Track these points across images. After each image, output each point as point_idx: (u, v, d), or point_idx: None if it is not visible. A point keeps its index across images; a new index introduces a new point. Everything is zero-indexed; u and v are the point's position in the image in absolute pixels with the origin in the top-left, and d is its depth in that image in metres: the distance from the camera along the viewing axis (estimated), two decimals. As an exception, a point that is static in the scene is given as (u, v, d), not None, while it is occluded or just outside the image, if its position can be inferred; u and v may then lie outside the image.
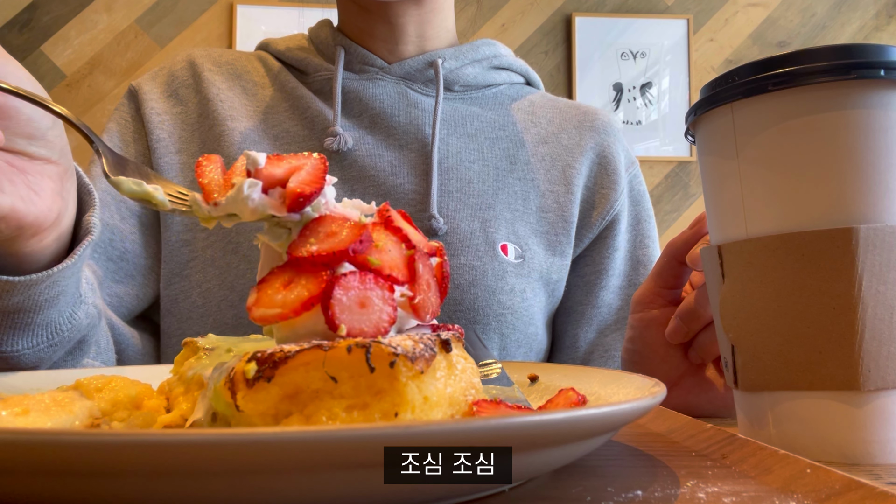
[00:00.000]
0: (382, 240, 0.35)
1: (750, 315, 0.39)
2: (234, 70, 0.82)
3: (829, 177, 0.36)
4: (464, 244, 0.72)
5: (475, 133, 0.79)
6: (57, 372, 0.48)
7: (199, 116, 0.78)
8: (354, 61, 0.79)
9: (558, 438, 0.26)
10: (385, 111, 0.77)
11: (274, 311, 0.32)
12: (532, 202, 0.78)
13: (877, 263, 0.35)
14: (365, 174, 0.75)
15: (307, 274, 0.33)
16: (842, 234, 0.36)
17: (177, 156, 0.76)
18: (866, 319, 0.35)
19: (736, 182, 0.39)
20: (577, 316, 0.82)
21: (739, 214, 0.39)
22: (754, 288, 0.39)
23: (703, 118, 0.41)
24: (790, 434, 0.38)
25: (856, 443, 0.36)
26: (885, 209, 0.36)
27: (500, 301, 0.72)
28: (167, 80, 0.81)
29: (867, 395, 0.36)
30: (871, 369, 0.35)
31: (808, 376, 0.37)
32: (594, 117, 0.86)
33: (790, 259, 0.37)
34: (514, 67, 0.87)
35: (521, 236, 0.75)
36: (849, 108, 0.36)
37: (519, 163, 0.79)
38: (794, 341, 0.37)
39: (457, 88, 0.81)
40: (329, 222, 0.35)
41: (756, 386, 0.40)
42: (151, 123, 0.77)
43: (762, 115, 0.38)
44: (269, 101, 0.79)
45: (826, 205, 0.36)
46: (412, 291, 0.35)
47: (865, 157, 0.36)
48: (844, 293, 0.36)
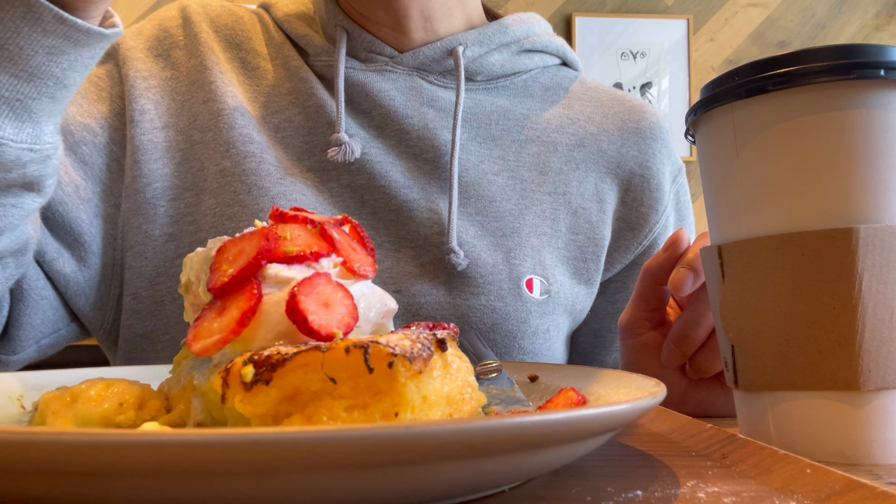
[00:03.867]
0: (287, 231, 0.36)
1: (750, 315, 0.39)
2: (233, 37, 0.70)
3: (829, 177, 0.36)
4: (485, 281, 0.63)
5: (501, 135, 0.69)
6: (58, 372, 0.48)
7: (191, 85, 0.67)
8: (359, 48, 0.68)
9: (558, 438, 0.26)
10: (396, 111, 0.66)
11: (212, 338, 0.32)
12: (562, 222, 0.68)
13: (877, 263, 0.36)
14: (375, 184, 0.65)
15: (234, 295, 0.33)
16: (842, 234, 0.36)
17: (162, 131, 0.65)
18: (866, 319, 0.36)
19: (735, 182, 0.39)
20: (606, 343, 0.76)
21: (739, 214, 0.39)
22: (754, 288, 0.39)
23: (702, 118, 0.41)
24: (790, 434, 0.38)
25: (856, 443, 0.36)
26: (885, 209, 0.36)
27: (521, 346, 0.64)
28: (157, 35, 0.69)
29: (867, 395, 0.36)
30: (871, 369, 0.35)
31: (808, 376, 0.37)
32: (640, 117, 0.74)
33: (790, 259, 0.37)
34: (550, 48, 0.73)
35: (548, 266, 0.66)
36: (849, 108, 0.36)
37: (550, 172, 0.69)
38: (794, 341, 0.37)
39: (479, 79, 0.70)
40: (230, 246, 0.36)
41: (756, 386, 0.40)
42: (136, 89, 0.65)
43: (762, 115, 0.38)
44: (271, 80, 0.68)
45: (826, 205, 0.36)
46: (341, 256, 0.36)
47: (866, 157, 0.36)
48: (844, 293, 0.36)
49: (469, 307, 0.62)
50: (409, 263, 0.64)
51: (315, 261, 0.35)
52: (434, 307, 0.62)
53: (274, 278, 0.34)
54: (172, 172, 0.65)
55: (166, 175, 0.65)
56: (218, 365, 0.32)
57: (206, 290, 0.35)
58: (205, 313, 0.34)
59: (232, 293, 0.34)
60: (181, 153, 0.65)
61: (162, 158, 0.65)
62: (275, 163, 0.64)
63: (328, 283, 0.34)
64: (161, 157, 0.65)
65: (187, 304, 0.38)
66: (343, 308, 0.33)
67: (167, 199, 0.65)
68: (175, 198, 0.65)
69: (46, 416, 0.36)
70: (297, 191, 0.64)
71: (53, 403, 0.36)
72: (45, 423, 0.36)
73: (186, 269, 0.38)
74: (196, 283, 0.37)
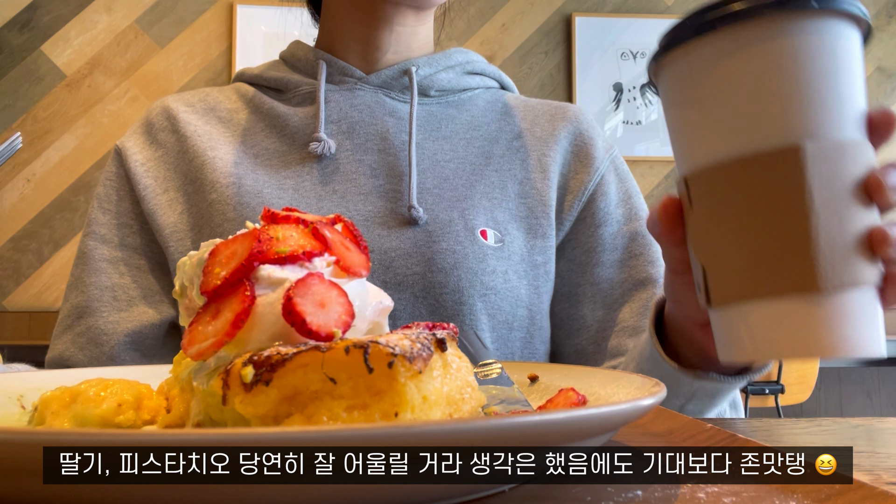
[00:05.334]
0: (279, 231, 0.36)
1: (716, 237, 0.43)
2: (207, 104, 0.87)
3: (776, 100, 0.41)
4: (444, 231, 0.76)
5: (450, 135, 0.84)
6: (58, 372, 0.48)
7: (178, 153, 0.82)
8: (335, 73, 0.85)
9: (558, 438, 0.26)
10: (364, 119, 0.82)
11: (207, 342, 0.32)
12: (510, 190, 0.82)
13: (824, 175, 0.40)
14: (347, 177, 0.79)
15: (228, 298, 0.33)
16: (791, 152, 0.40)
17: (163, 195, 0.81)
18: (819, 227, 0.39)
19: (694, 114, 0.44)
20: (579, 297, 0.85)
21: (700, 144, 0.44)
22: (718, 210, 0.43)
23: (661, 65, 0.45)
24: (763, 341, 0.42)
25: (820, 340, 0.40)
26: (828, 125, 0.40)
27: (483, 282, 0.75)
28: (146, 129, 0.85)
29: (826, 295, 0.39)
30: (827, 271, 0.39)
31: (773, 284, 0.41)
32: (565, 109, 0.91)
33: (747, 178, 0.41)
34: (488, 73, 0.92)
35: (500, 222, 0.79)
36: (788, 36, 0.40)
37: (494, 157, 0.84)
38: (757, 253, 0.41)
39: (433, 94, 0.86)
40: (222, 248, 0.36)
41: (726, 299, 0.43)
42: (137, 175, 0.82)
43: (713, 51, 0.42)
44: (245, 124, 0.84)
45: (774, 126, 0.41)
46: (334, 255, 0.36)
47: (806, 80, 0.40)
48: (797, 204, 0.40)
49: (433, 252, 0.74)
50: (378, 228, 0.76)
51: (308, 261, 0.35)
52: (402, 255, 0.74)
53: (267, 279, 0.34)
54: (176, 220, 0.79)
55: (172, 223, 0.79)
56: (216, 368, 0.32)
57: (199, 293, 0.35)
58: (199, 317, 0.34)
59: (225, 296, 0.33)
60: (180, 205, 0.80)
61: (166, 213, 0.80)
62: (253, 182, 0.78)
63: (322, 282, 0.34)
64: (165, 211, 0.80)
65: (182, 308, 0.38)
66: (339, 307, 0.33)
67: (175, 240, 0.79)
68: (181, 238, 0.79)
69: (46, 416, 0.36)
70: (275, 195, 0.77)
71: (53, 403, 0.36)
72: (44, 423, 0.36)
73: (180, 274, 0.38)
74: (190, 287, 0.37)
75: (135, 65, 3.17)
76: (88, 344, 0.76)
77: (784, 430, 0.52)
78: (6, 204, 3.06)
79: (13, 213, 3.06)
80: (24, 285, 3.04)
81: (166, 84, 3.14)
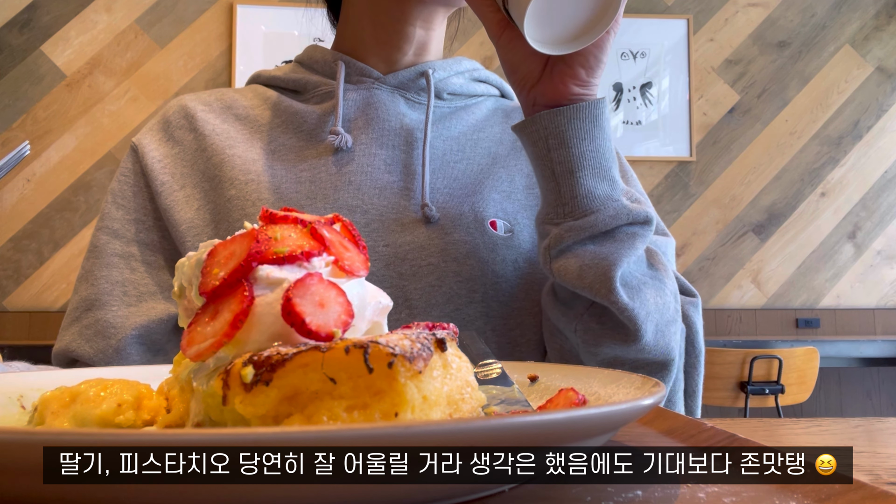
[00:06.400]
0: (278, 231, 0.36)
1: None
2: (224, 103, 0.88)
3: None
4: (456, 224, 0.79)
5: (458, 136, 0.88)
6: (58, 372, 0.48)
7: (195, 151, 0.84)
8: (353, 73, 0.87)
9: (558, 438, 0.26)
10: (380, 116, 0.85)
11: (206, 342, 0.32)
12: (518, 182, 0.85)
13: None
14: (363, 170, 0.82)
15: (226, 298, 0.33)
16: None
17: (180, 192, 0.81)
18: None
19: None
20: None
21: None
22: None
23: None
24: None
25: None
26: None
27: (495, 271, 0.78)
28: (162, 126, 0.86)
29: None
30: None
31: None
32: None
33: None
34: (491, 80, 0.98)
35: (510, 212, 0.83)
36: None
37: (500, 157, 0.88)
38: None
39: (445, 96, 0.90)
40: (220, 249, 0.35)
41: None
42: (154, 171, 0.83)
43: None
44: (262, 121, 0.86)
45: None
46: (332, 255, 0.36)
47: None
48: None
49: (445, 243, 0.77)
50: (392, 222, 0.79)
51: (306, 260, 0.35)
52: (416, 248, 0.77)
53: (265, 279, 0.34)
54: (193, 216, 0.80)
55: (189, 219, 0.80)
56: (216, 369, 0.32)
57: (198, 294, 0.34)
58: (198, 318, 0.34)
59: (224, 296, 0.33)
60: (197, 202, 0.81)
61: (183, 209, 0.81)
62: (271, 178, 0.79)
63: (320, 282, 0.34)
64: (182, 207, 0.81)
65: (181, 309, 0.38)
66: (338, 306, 0.33)
67: (192, 235, 0.79)
68: (198, 234, 0.79)
69: (46, 416, 0.36)
70: (292, 189, 0.78)
71: (52, 403, 0.36)
72: (44, 423, 0.36)
73: (179, 275, 0.38)
74: (189, 287, 0.37)
75: (135, 65, 3.18)
76: (96, 336, 0.76)
77: (784, 430, 0.52)
78: (6, 204, 3.07)
79: (13, 213, 3.06)
80: (24, 285, 3.05)
81: (166, 84, 3.14)
